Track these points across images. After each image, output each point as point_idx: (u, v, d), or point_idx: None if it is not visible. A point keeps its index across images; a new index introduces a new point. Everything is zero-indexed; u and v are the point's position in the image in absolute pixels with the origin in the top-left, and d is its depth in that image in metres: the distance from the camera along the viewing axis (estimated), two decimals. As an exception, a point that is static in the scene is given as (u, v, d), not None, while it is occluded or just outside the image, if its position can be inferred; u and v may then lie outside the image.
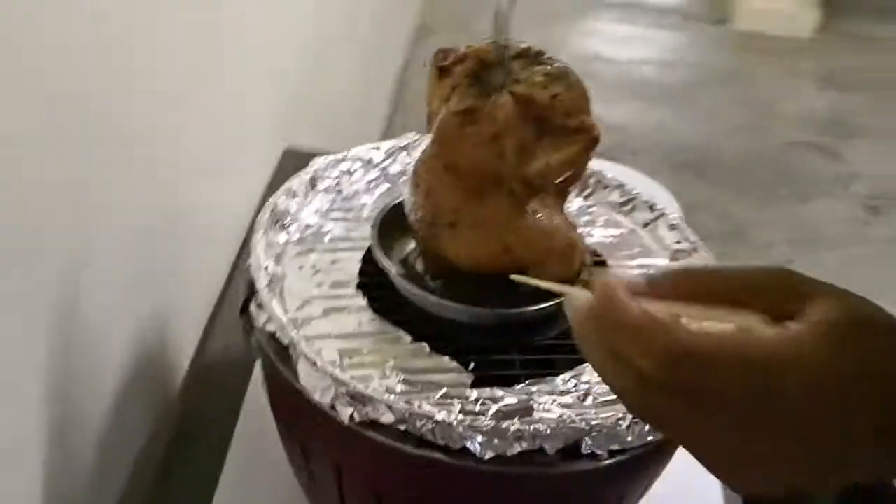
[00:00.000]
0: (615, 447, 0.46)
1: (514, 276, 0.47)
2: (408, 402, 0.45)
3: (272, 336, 0.50)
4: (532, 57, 0.49)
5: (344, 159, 0.62)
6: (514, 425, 0.44)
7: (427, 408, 0.45)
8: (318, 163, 0.61)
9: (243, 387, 0.72)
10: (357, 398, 0.45)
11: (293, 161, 0.94)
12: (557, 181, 0.48)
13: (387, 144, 0.64)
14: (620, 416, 0.46)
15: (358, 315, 0.52)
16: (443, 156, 0.48)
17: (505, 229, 0.49)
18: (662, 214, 0.62)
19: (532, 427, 0.44)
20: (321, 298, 0.53)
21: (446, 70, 0.49)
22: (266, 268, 0.53)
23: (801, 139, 2.53)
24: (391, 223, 0.57)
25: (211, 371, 0.76)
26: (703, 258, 0.59)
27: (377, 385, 0.47)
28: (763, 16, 3.26)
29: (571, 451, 0.46)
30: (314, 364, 0.47)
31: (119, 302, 0.64)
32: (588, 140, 0.45)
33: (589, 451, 0.46)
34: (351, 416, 0.46)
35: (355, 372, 0.48)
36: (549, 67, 0.47)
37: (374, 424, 0.45)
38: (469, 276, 0.53)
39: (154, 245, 0.70)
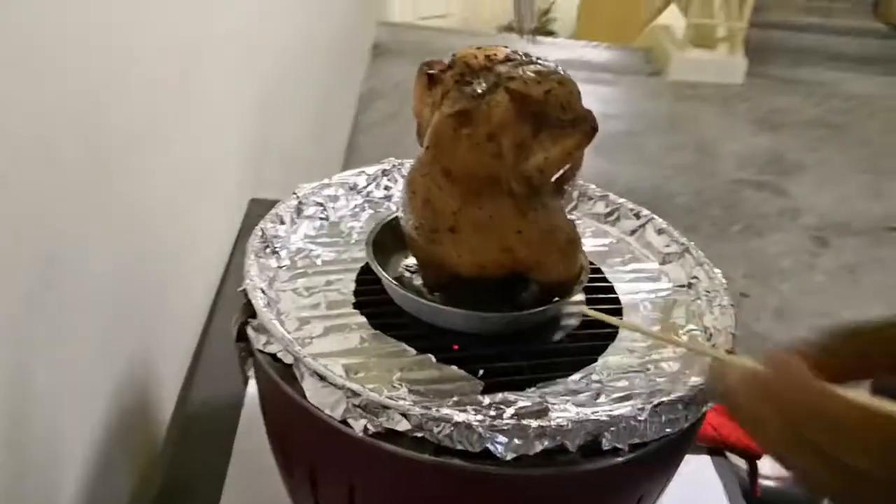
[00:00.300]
0: (635, 441, 0.45)
1: (593, 315, 0.47)
2: (424, 407, 0.43)
3: (273, 357, 0.48)
4: (519, 60, 0.49)
5: (329, 185, 0.62)
6: (534, 422, 0.43)
7: (445, 411, 0.43)
8: (304, 189, 0.60)
9: (231, 434, 0.70)
10: (370, 408, 0.44)
11: (260, 209, 0.94)
12: (555, 177, 0.48)
13: (371, 169, 0.64)
14: (640, 406, 0.45)
15: (359, 332, 0.51)
16: (439, 160, 0.48)
17: (506, 230, 0.48)
18: (649, 220, 0.63)
19: (554, 423, 0.43)
20: (319, 318, 0.52)
21: (435, 78, 0.49)
22: (262, 290, 0.51)
23: (744, 178, 2.61)
24: (381, 243, 0.56)
25: (195, 421, 0.73)
26: (696, 257, 0.59)
27: (388, 395, 0.46)
28: (696, 65, 3.38)
29: (592, 447, 0.45)
30: (322, 378, 0.45)
31: (94, 355, 0.61)
32: (587, 129, 0.45)
33: (610, 447, 0.45)
34: (365, 429, 0.44)
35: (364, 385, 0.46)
36: (538, 66, 0.48)
37: (389, 435, 0.44)
38: (466, 288, 0.52)
39: (129, 293, 0.68)
